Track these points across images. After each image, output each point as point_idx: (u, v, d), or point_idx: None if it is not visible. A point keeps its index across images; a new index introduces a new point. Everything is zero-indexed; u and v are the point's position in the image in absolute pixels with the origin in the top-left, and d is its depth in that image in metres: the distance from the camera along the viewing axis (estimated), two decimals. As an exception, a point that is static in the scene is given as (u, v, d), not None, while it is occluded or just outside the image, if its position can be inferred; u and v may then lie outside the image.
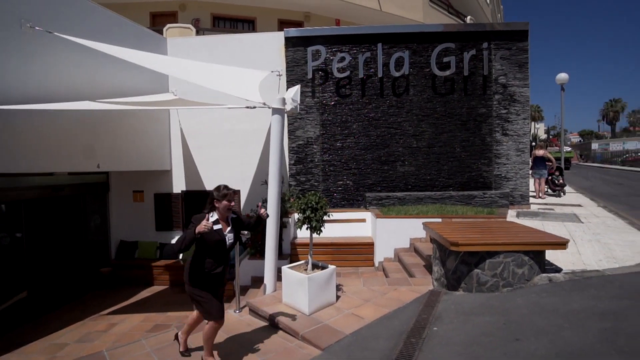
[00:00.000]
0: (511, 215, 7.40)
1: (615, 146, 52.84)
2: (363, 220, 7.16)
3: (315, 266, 4.10)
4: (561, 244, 3.80)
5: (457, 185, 8.14)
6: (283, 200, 6.82)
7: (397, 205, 7.50)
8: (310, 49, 8.01)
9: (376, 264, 6.42)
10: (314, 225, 3.79)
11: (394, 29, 8.28)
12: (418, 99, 8.18)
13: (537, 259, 3.89)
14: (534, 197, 10.66)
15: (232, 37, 8.70)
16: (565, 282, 3.81)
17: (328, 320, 3.65)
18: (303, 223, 3.88)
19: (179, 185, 8.52)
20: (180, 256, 8.03)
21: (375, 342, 3.16)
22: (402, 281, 4.85)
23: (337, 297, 4.18)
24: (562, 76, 12.17)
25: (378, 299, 4.18)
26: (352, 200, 8.10)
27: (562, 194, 10.97)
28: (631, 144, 50.74)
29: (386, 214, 6.59)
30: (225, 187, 2.97)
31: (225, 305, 5.82)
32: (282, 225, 6.64)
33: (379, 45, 8.04)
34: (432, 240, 4.63)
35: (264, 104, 4.65)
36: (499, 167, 8.19)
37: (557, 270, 4.09)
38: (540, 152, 10.37)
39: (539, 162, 10.36)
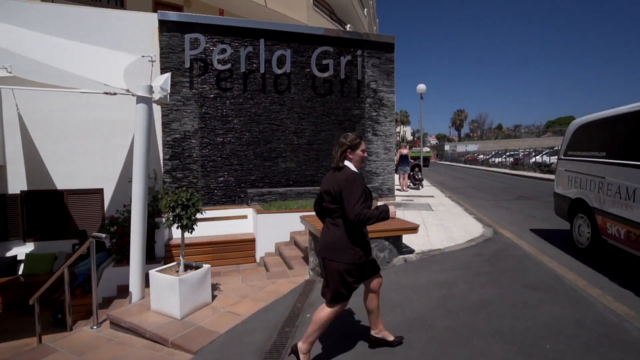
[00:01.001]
0: (380, 206, 8.29)
1: (461, 148, 64.46)
2: (244, 217, 7.07)
3: (188, 267, 3.86)
4: (413, 229, 4.43)
5: (335, 180, 8.73)
6: (156, 199, 6.23)
7: (279, 200, 7.63)
8: (188, 37, 7.47)
9: (258, 260, 6.42)
10: (185, 223, 3.55)
11: (278, 26, 8.35)
12: (299, 98, 8.44)
13: (396, 243, 4.46)
14: (399, 190, 12.19)
15: (94, 10, 7.51)
16: (417, 261, 4.46)
17: (202, 322, 3.49)
18: (173, 222, 3.60)
19: (16, 184, 6.97)
20: (20, 271, 6.60)
21: (251, 336, 3.15)
22: (281, 274, 4.96)
23: (214, 297, 4.02)
24: (421, 87, 14.21)
25: (256, 293, 4.19)
26: (233, 196, 7.90)
27: (420, 187, 12.83)
28: (471, 147, 62.64)
29: (267, 210, 6.64)
30: (355, 133, 2.54)
31: (82, 322, 5.00)
32: (155, 226, 6.07)
33: (262, 40, 8.00)
34: (309, 233, 4.86)
35: (128, 90, 4.14)
36: (369, 163, 9.08)
37: (411, 251, 4.76)
38: (404, 151, 11.90)
39: (403, 160, 11.89)
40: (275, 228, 6.46)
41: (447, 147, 69.00)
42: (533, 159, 24.69)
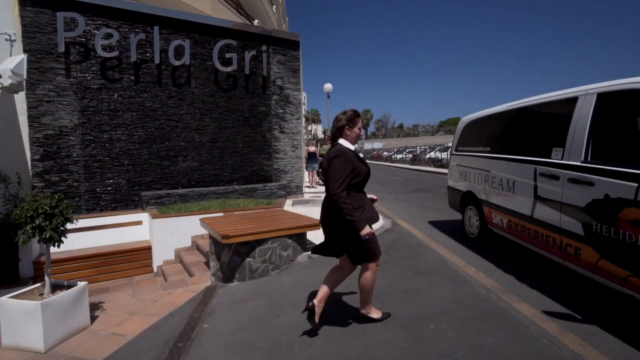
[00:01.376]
0: (288, 204, 8.28)
1: (368, 145, 68.79)
2: (139, 223, 6.36)
3: (58, 287, 3.27)
4: (316, 225, 4.47)
5: (241, 179, 8.44)
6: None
7: (179, 202, 7.07)
8: (61, 15, 6.38)
9: (155, 269, 5.84)
10: (49, 235, 2.97)
11: (175, 14, 7.68)
12: (200, 92, 7.93)
13: (299, 240, 4.44)
14: (308, 187, 12.38)
15: None
16: (319, 257, 4.51)
17: (76, 351, 2.97)
18: (33, 235, 2.99)
19: None
20: None
21: (136, 359, 2.79)
22: (179, 283, 4.56)
23: (94, 318, 3.49)
24: (328, 86, 14.64)
25: (148, 308, 3.76)
26: (126, 201, 7.06)
27: (329, 183, 13.24)
28: (377, 144, 67.41)
29: (165, 214, 6.07)
30: (354, 110, 2.59)
31: None
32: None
33: (156, 28, 7.28)
34: (209, 237, 4.56)
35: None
36: (277, 161, 9.00)
37: (316, 247, 4.80)
38: (312, 149, 12.12)
39: (311, 157, 12.09)
40: (174, 233, 5.95)
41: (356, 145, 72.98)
42: (428, 155, 27.59)
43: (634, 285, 2.40)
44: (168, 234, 5.91)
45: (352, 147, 2.58)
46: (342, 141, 2.57)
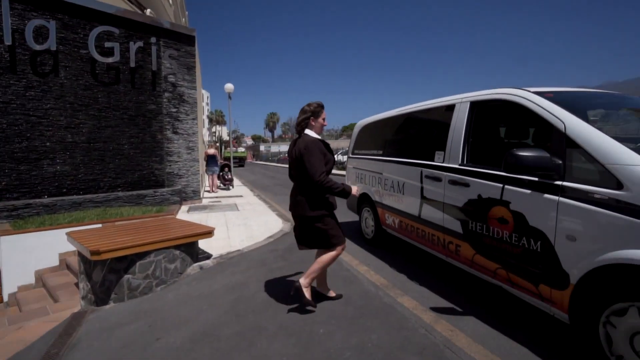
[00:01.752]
0: (183, 210, 7.66)
1: (275, 148, 68.82)
2: (-19, 241, 5.12)
3: None
4: (208, 232, 4.17)
5: (127, 184, 7.51)
6: None
7: (44, 214, 5.93)
8: None
9: (6, 299, 4.76)
10: None
11: (33, -12, 6.44)
12: (73, 84, 6.81)
13: (189, 250, 4.08)
14: (208, 191, 11.72)
15: None
16: (214, 266, 4.22)
17: None
18: None
19: None
20: None
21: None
22: (37, 312, 3.78)
23: None
24: (229, 86, 14.11)
25: (-16, 350, 2.98)
26: (-37, 214, 5.64)
27: (231, 187, 12.72)
28: (284, 147, 67.88)
29: (21, 229, 5.01)
30: (318, 102, 2.87)
31: None
32: None
33: (6, 2, 6.00)
34: (78, 254, 3.88)
35: None
36: (170, 164, 8.27)
37: (209, 256, 4.49)
38: (211, 151, 11.49)
39: (211, 160, 11.46)
40: (35, 251, 4.96)
41: (262, 148, 72.38)
42: (331, 158, 28.68)
43: (501, 276, 2.73)
44: (26, 254, 4.88)
45: (318, 137, 2.83)
46: (308, 131, 2.82)
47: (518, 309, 2.96)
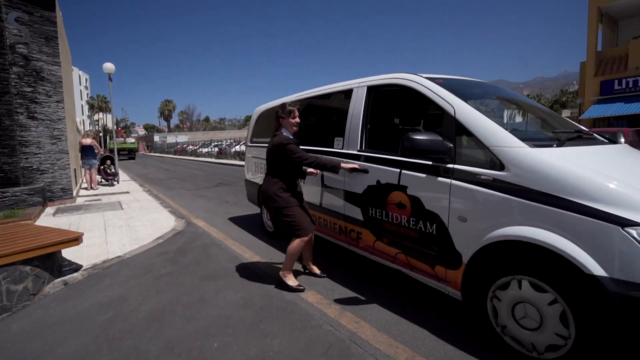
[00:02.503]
0: (48, 213, 6.30)
1: (171, 139, 63.43)
2: None
3: None
4: (73, 239, 3.38)
5: (-42, 184, 5.82)
6: None
7: None
8: None
9: None
10: None
11: None
12: None
13: (47, 264, 3.25)
14: (86, 188, 10.00)
15: None
16: (84, 280, 3.46)
17: None
18: None
19: None
20: None
21: None
22: None
23: None
24: (108, 65, 12.13)
25: None
26: None
27: (115, 182, 11.09)
28: (181, 137, 62.95)
29: None
30: (291, 103, 3.14)
31: None
32: None
33: None
34: None
35: None
36: (28, 157, 6.71)
37: (77, 268, 3.68)
38: (87, 141, 9.78)
39: (88, 152, 9.77)
40: None
41: (156, 138, 65.91)
42: (234, 149, 27.60)
43: (401, 261, 2.74)
44: None
45: (290, 135, 3.10)
46: (284, 130, 3.11)
47: (417, 291, 3.04)
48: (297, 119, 3.11)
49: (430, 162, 2.40)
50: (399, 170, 2.64)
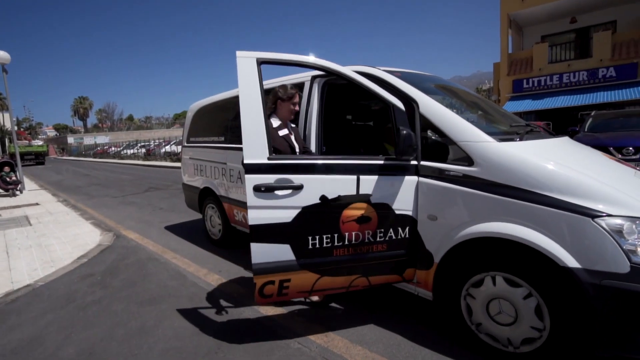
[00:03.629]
0: None
1: (89, 140, 57.21)
2: None
3: None
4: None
5: None
6: None
7: None
8: None
9: None
10: None
11: None
12: None
13: None
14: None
15: None
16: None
17: None
18: None
19: None
20: None
21: None
22: None
23: None
24: (2, 55, 10.31)
25: None
26: None
27: (18, 192, 9.51)
28: (101, 138, 57.04)
29: None
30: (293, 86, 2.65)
31: None
32: None
33: None
34: None
35: None
36: None
37: (-29, 306, 2.93)
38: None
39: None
40: None
41: (71, 140, 58.88)
42: (164, 149, 25.66)
43: (357, 285, 2.34)
44: None
45: (279, 122, 2.62)
46: (273, 118, 2.62)
47: (386, 295, 2.93)
48: (297, 107, 2.66)
49: (394, 162, 2.24)
50: (356, 177, 2.19)
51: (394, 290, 2.90)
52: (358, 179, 2.18)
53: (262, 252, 2.09)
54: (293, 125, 2.78)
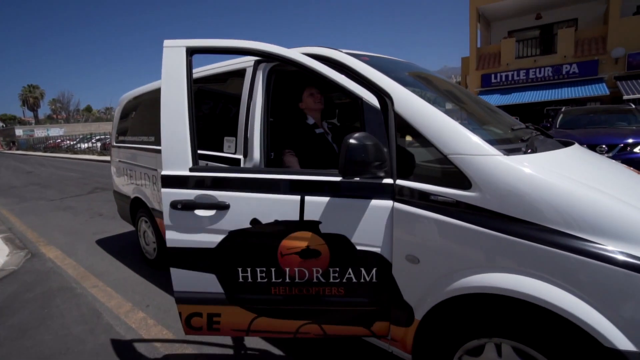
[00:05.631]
0: None
1: (40, 132, 53.06)
2: None
3: None
4: None
5: None
6: None
7: None
8: None
9: None
10: None
11: None
12: None
13: None
14: None
15: None
16: None
17: None
18: None
19: None
20: None
21: None
22: None
23: None
24: None
25: None
26: None
27: None
28: (55, 131, 53.06)
29: None
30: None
31: None
32: None
33: None
34: None
35: None
36: None
37: None
38: None
39: None
40: None
41: (19, 132, 54.25)
42: (121, 143, 23.92)
43: (309, 332, 1.81)
44: None
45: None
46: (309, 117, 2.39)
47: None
48: (318, 96, 2.38)
49: (357, 179, 1.62)
50: (299, 197, 1.63)
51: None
52: (302, 201, 1.63)
53: (184, 280, 1.76)
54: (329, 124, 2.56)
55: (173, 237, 1.74)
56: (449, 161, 1.45)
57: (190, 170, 1.70)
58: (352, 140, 1.47)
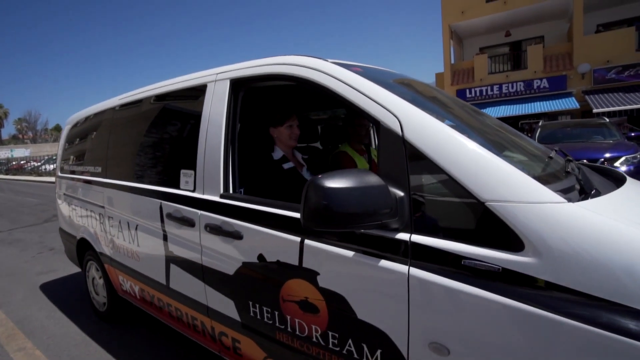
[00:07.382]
0: None
1: (3, 154, 50.15)
2: None
3: None
4: None
5: None
6: None
7: None
8: None
9: None
10: None
11: None
12: None
13: None
14: None
15: None
16: None
17: None
18: None
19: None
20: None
21: None
22: None
23: None
24: None
25: None
26: None
27: None
28: (19, 152, 50.28)
29: None
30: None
31: None
32: None
33: None
34: None
35: None
36: None
37: None
38: None
39: None
40: None
41: (-21, 153, 51.03)
42: (89, 164, 22.65)
43: None
44: None
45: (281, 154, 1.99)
46: (275, 150, 2.03)
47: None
48: (296, 130, 1.99)
49: (360, 230, 1.18)
50: (299, 239, 1.34)
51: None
52: (302, 245, 1.33)
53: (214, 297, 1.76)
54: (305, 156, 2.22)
55: (206, 259, 1.76)
56: (489, 211, 1.02)
57: (220, 196, 1.67)
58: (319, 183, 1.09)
